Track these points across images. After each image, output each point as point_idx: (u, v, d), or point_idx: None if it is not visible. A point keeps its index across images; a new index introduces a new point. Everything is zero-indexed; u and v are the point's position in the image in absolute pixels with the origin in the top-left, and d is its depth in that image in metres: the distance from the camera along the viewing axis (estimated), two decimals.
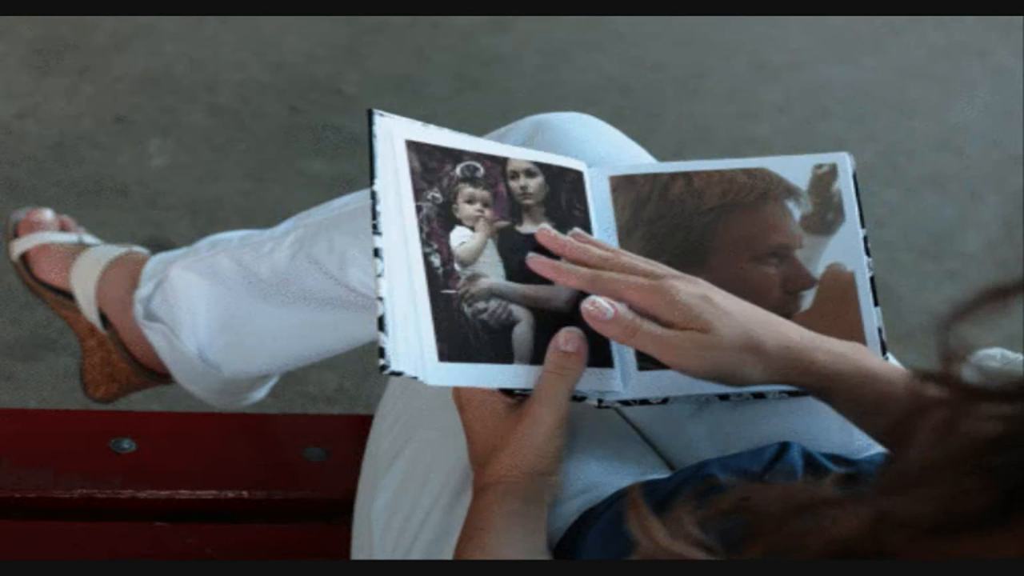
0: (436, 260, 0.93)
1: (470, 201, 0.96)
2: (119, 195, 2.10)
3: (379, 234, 0.90)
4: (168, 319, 1.35)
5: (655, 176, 1.04)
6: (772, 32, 2.67)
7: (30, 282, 1.50)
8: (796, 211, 1.02)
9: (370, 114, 0.94)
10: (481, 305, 0.93)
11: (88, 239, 1.52)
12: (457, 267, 0.94)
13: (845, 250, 1.01)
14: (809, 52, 2.65)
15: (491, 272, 0.95)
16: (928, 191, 2.38)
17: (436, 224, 0.94)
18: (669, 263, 0.94)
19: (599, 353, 0.95)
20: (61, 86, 2.28)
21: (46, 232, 1.52)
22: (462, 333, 0.91)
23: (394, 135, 0.95)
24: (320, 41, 2.47)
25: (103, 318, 1.44)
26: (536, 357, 0.93)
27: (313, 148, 2.24)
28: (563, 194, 1.01)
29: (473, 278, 0.94)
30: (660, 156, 1.17)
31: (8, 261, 1.54)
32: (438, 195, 0.95)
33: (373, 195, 0.91)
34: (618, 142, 1.16)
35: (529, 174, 1.00)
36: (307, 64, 2.42)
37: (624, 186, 1.03)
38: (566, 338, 0.91)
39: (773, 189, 1.03)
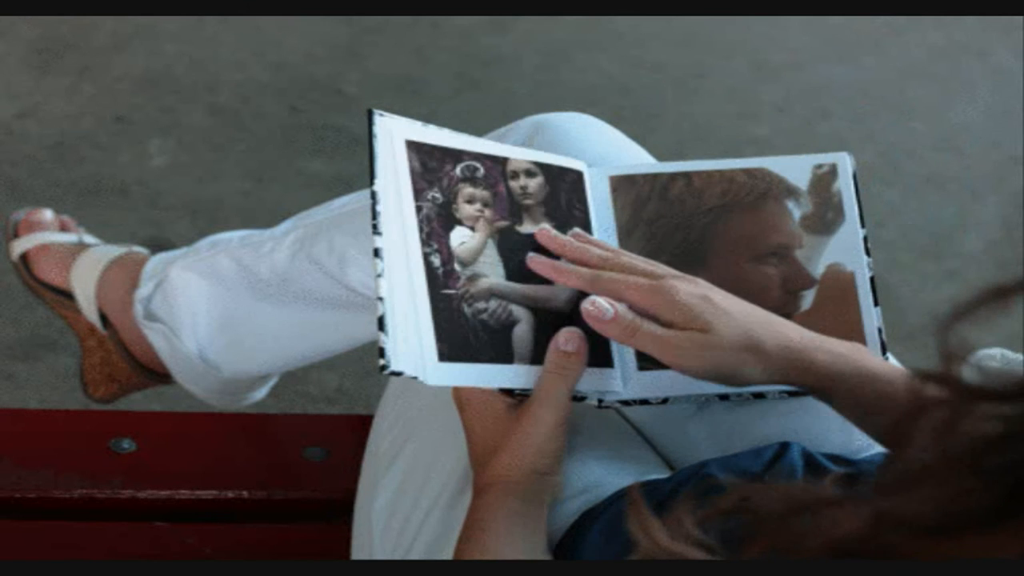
0: (436, 260, 0.93)
1: (470, 201, 0.96)
2: (119, 195, 2.10)
3: (379, 234, 0.90)
4: (168, 319, 1.35)
5: (655, 176, 1.04)
6: (772, 32, 2.67)
7: (30, 282, 1.50)
8: (796, 211, 1.02)
9: (370, 114, 0.94)
10: (481, 305, 0.93)
11: (88, 239, 1.52)
12: (457, 267, 0.93)
13: (845, 250, 1.01)
14: (809, 52, 2.65)
15: (491, 272, 0.95)
16: (928, 191, 2.37)
17: (436, 224, 0.94)
18: (669, 263, 0.94)
19: (599, 353, 0.95)
20: (61, 86, 2.28)
21: (46, 232, 1.52)
22: (462, 333, 0.91)
23: (394, 135, 0.95)
24: (320, 41, 2.47)
25: (103, 318, 1.44)
26: (536, 357, 0.93)
27: (313, 148, 2.24)
28: (563, 194, 1.01)
29: (473, 278, 0.94)
30: (660, 156, 1.17)
31: (8, 261, 1.54)
32: (438, 195, 0.95)
33: (373, 195, 0.91)
34: (618, 142, 1.16)
35: (529, 174, 1.00)
36: (307, 64, 2.42)
37: (624, 186, 1.03)
38: (566, 338, 0.91)
39: (773, 189, 1.03)
